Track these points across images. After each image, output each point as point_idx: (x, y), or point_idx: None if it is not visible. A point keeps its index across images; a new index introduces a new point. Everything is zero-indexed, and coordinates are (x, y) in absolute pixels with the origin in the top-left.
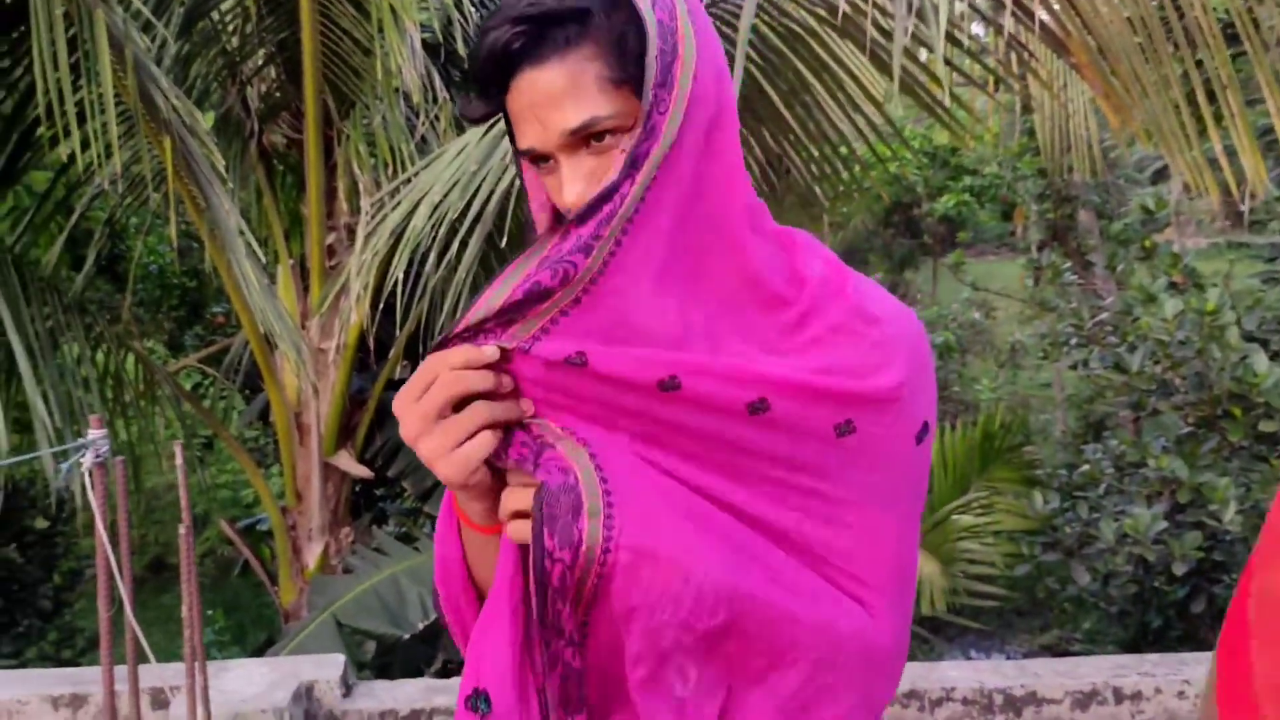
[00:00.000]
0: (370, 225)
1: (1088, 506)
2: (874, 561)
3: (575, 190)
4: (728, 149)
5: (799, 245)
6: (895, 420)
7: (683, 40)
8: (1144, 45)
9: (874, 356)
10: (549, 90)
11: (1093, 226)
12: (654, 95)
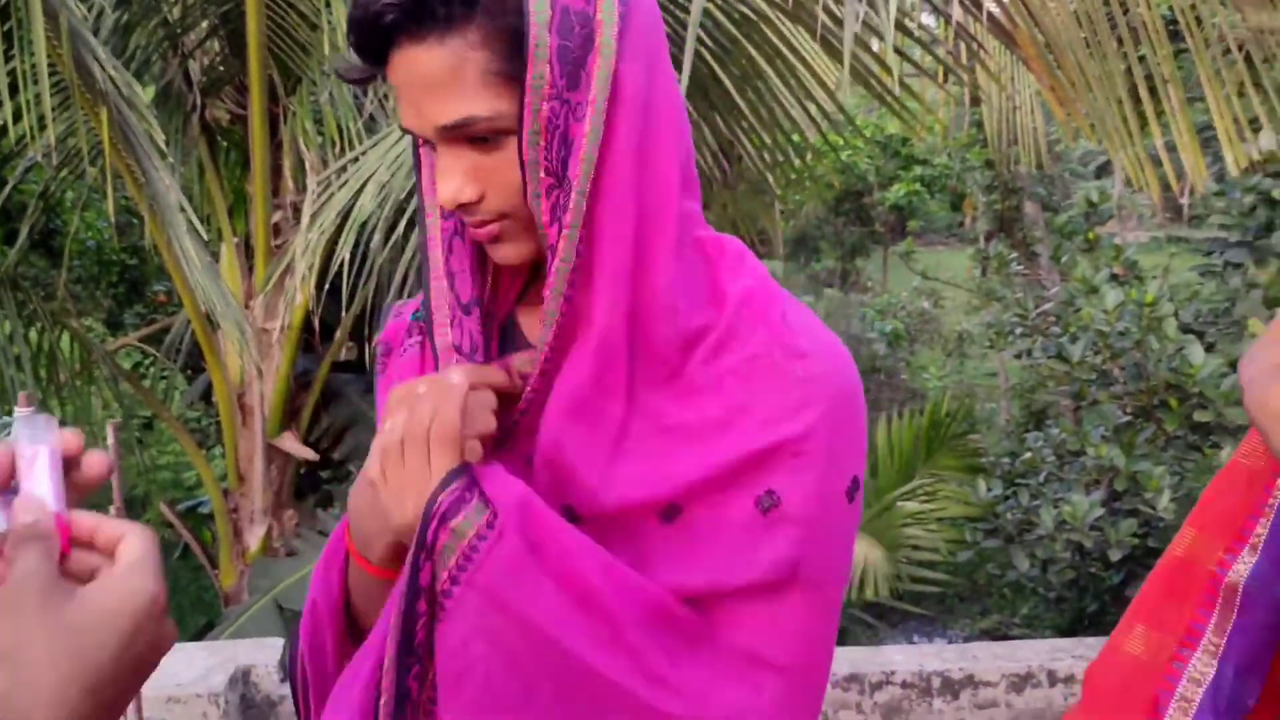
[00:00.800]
0: (317, 204)
1: (1028, 494)
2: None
3: (451, 187)
4: (662, 152)
5: (727, 256)
6: (821, 475)
7: (599, 29)
8: (1089, 40)
9: (793, 396)
10: (426, 76)
11: (1038, 218)
12: (565, 99)
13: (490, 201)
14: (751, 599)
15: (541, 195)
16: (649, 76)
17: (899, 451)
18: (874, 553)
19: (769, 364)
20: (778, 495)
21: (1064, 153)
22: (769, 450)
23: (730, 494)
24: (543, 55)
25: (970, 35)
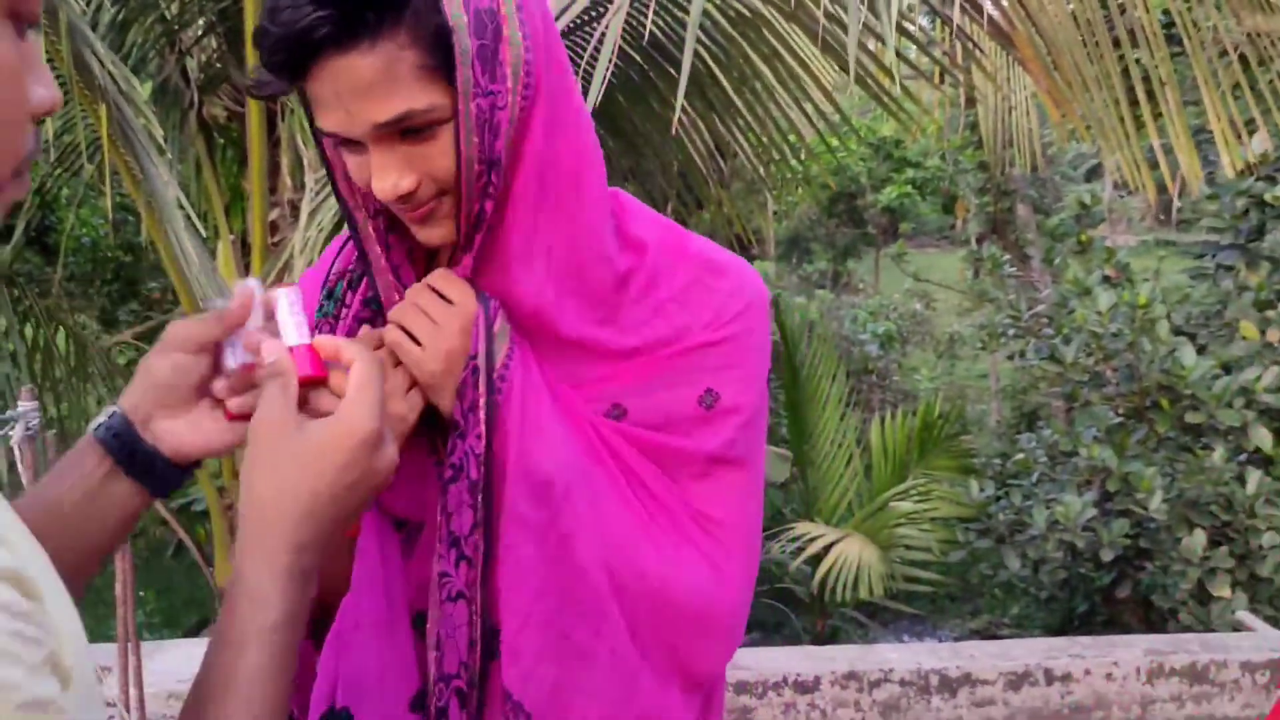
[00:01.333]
0: (315, 202)
1: (1020, 494)
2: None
3: (388, 181)
4: (574, 127)
5: (628, 209)
6: (752, 369)
7: (505, 21)
8: (1086, 41)
9: (726, 306)
10: (357, 81)
11: (1030, 221)
12: (489, 91)
13: (425, 189)
14: (699, 477)
15: (474, 182)
16: (548, 56)
17: (892, 452)
18: (868, 552)
19: (701, 287)
20: (716, 392)
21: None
22: (708, 348)
23: (674, 393)
24: (466, 60)
25: (968, 36)
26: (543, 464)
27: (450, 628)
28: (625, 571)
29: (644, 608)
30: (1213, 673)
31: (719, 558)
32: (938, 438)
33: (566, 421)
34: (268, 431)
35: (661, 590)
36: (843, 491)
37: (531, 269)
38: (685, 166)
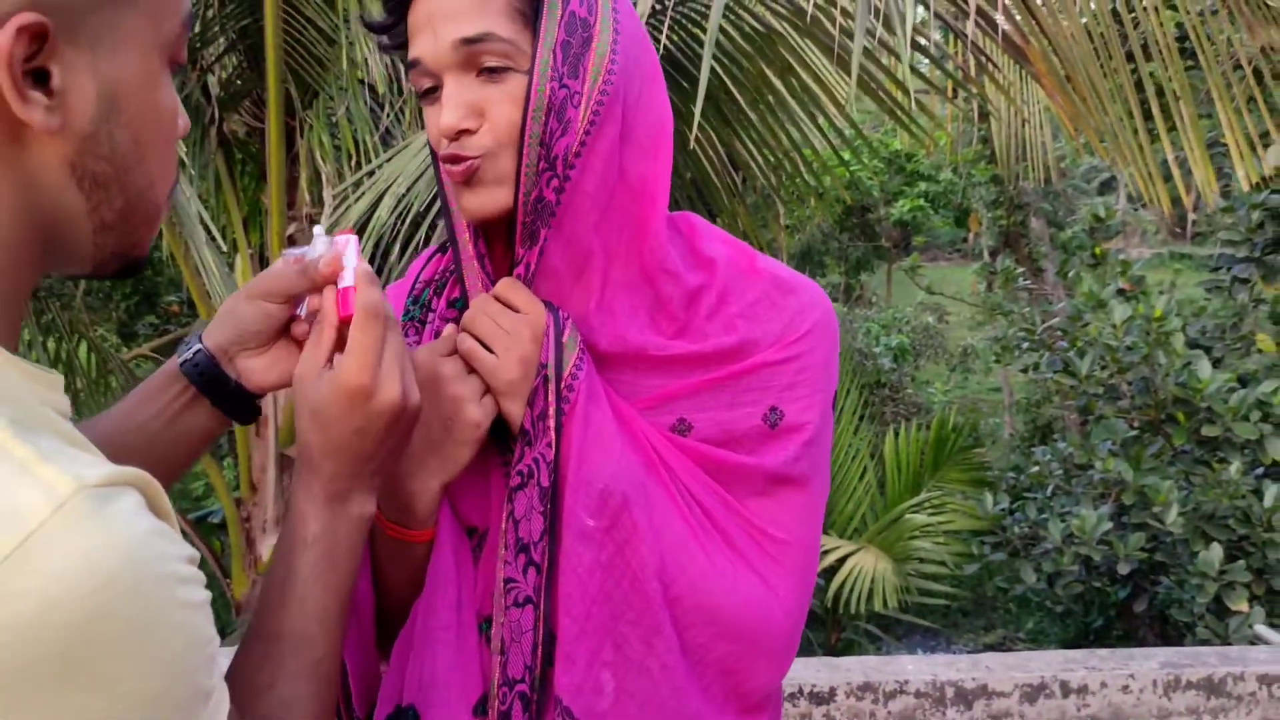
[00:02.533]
0: (333, 216)
1: (1035, 507)
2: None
3: (455, 113)
4: (648, 144)
5: (697, 230)
6: (818, 389)
7: (598, 34)
8: (1100, 54)
9: (794, 325)
10: (454, 1)
11: (1044, 234)
12: (566, 85)
13: (484, 135)
14: (760, 494)
15: (534, 162)
16: (635, 69)
17: (906, 464)
18: (882, 564)
19: (769, 303)
20: (781, 410)
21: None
22: (775, 366)
23: (739, 412)
24: (549, 44)
25: (981, 51)
26: (602, 473)
27: (516, 633)
28: (679, 584)
29: (697, 622)
30: (1230, 685)
31: (774, 576)
32: (951, 451)
33: (625, 433)
34: (299, 378)
35: (714, 605)
36: (857, 504)
37: (592, 274)
38: (700, 179)
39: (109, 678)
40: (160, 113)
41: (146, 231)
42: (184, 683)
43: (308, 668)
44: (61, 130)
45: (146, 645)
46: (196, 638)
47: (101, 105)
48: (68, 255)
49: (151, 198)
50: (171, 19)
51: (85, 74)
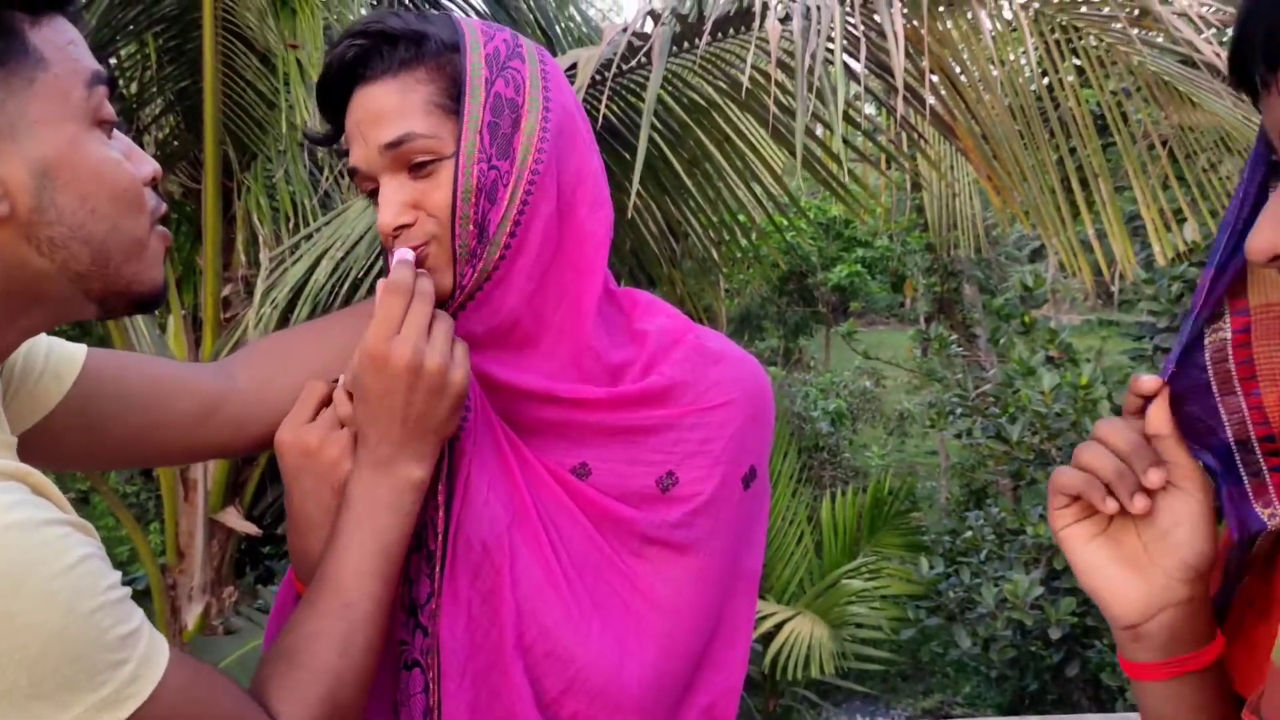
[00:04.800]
0: (270, 279)
1: (970, 572)
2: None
3: (390, 212)
4: (586, 217)
5: (639, 304)
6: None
7: (526, 113)
8: (1023, 132)
9: (715, 394)
10: (376, 106)
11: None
12: (495, 165)
13: (421, 226)
14: (634, 554)
15: (466, 238)
16: (563, 160)
17: (843, 529)
18: (819, 630)
19: (689, 367)
20: (676, 476)
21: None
22: (680, 429)
23: (636, 469)
24: (474, 127)
25: (911, 126)
26: (479, 532)
27: (405, 695)
28: (531, 631)
29: (549, 672)
30: None
31: (633, 639)
32: (888, 515)
33: (502, 477)
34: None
35: (564, 656)
36: (794, 569)
37: (534, 349)
38: (638, 246)
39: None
40: (96, 168)
41: (135, 267)
42: (80, 625)
43: (337, 608)
44: (11, 213)
45: (31, 588)
46: (84, 586)
47: (37, 181)
48: (63, 307)
49: (118, 240)
50: (77, 89)
51: (14, 161)
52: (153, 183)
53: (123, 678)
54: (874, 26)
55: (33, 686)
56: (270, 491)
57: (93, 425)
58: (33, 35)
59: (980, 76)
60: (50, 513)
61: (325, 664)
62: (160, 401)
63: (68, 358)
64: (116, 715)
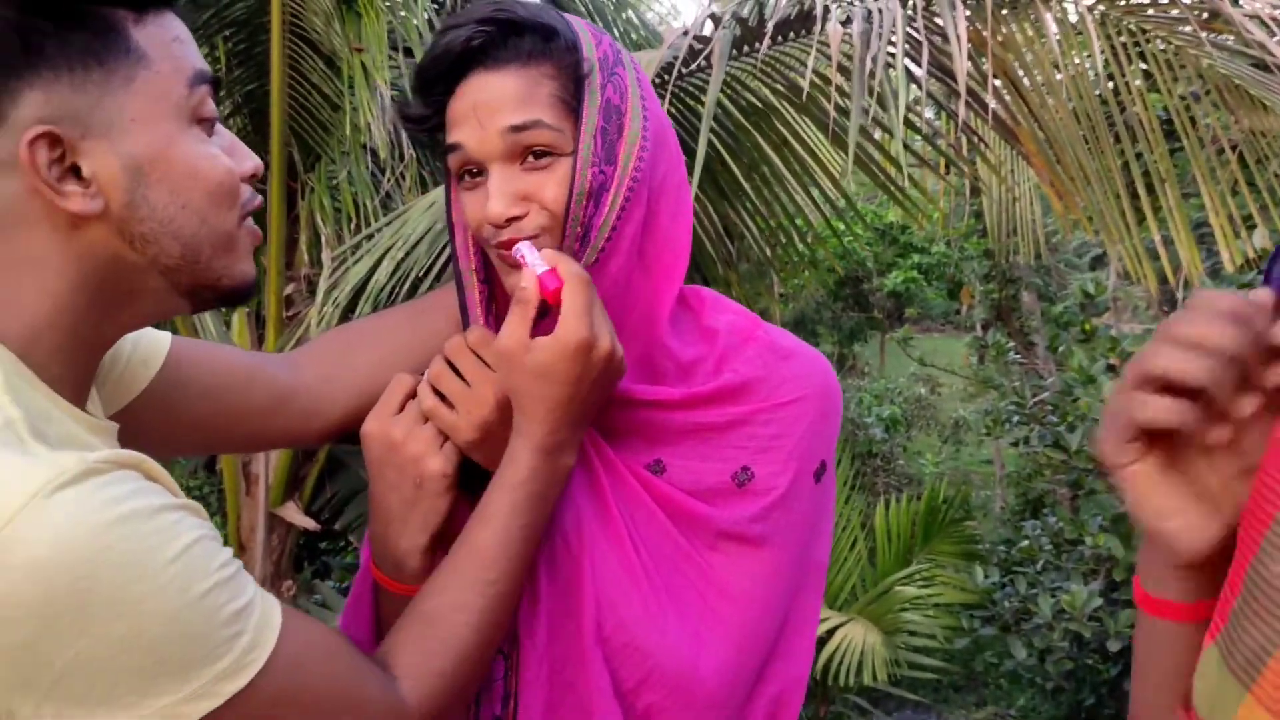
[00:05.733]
0: (332, 278)
1: (1026, 582)
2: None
3: (502, 202)
4: (669, 228)
5: (706, 302)
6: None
7: (629, 121)
8: (1088, 137)
9: (786, 390)
10: (500, 91)
11: (1035, 308)
12: (602, 170)
13: (532, 219)
14: (709, 548)
15: (573, 247)
16: (659, 158)
17: (897, 536)
18: (872, 636)
19: (761, 364)
20: (752, 471)
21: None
22: (754, 426)
23: (710, 465)
24: (590, 130)
25: (972, 130)
26: (559, 523)
27: (487, 681)
28: (609, 623)
29: (625, 663)
30: None
31: (709, 631)
32: (942, 523)
33: (587, 474)
34: (507, 351)
35: (642, 647)
36: (847, 575)
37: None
38: (695, 247)
39: (124, 603)
40: (191, 164)
41: (224, 261)
42: (197, 606)
43: (482, 583)
44: (104, 209)
45: (150, 574)
46: (199, 567)
47: (130, 178)
48: (157, 301)
49: (208, 234)
50: (177, 88)
51: (109, 158)
52: (252, 178)
53: (240, 648)
54: (936, 30)
55: (157, 665)
56: (329, 487)
57: (172, 412)
58: (136, 33)
59: (1044, 80)
60: (163, 498)
61: (457, 637)
62: (235, 391)
63: (154, 344)
64: (236, 684)
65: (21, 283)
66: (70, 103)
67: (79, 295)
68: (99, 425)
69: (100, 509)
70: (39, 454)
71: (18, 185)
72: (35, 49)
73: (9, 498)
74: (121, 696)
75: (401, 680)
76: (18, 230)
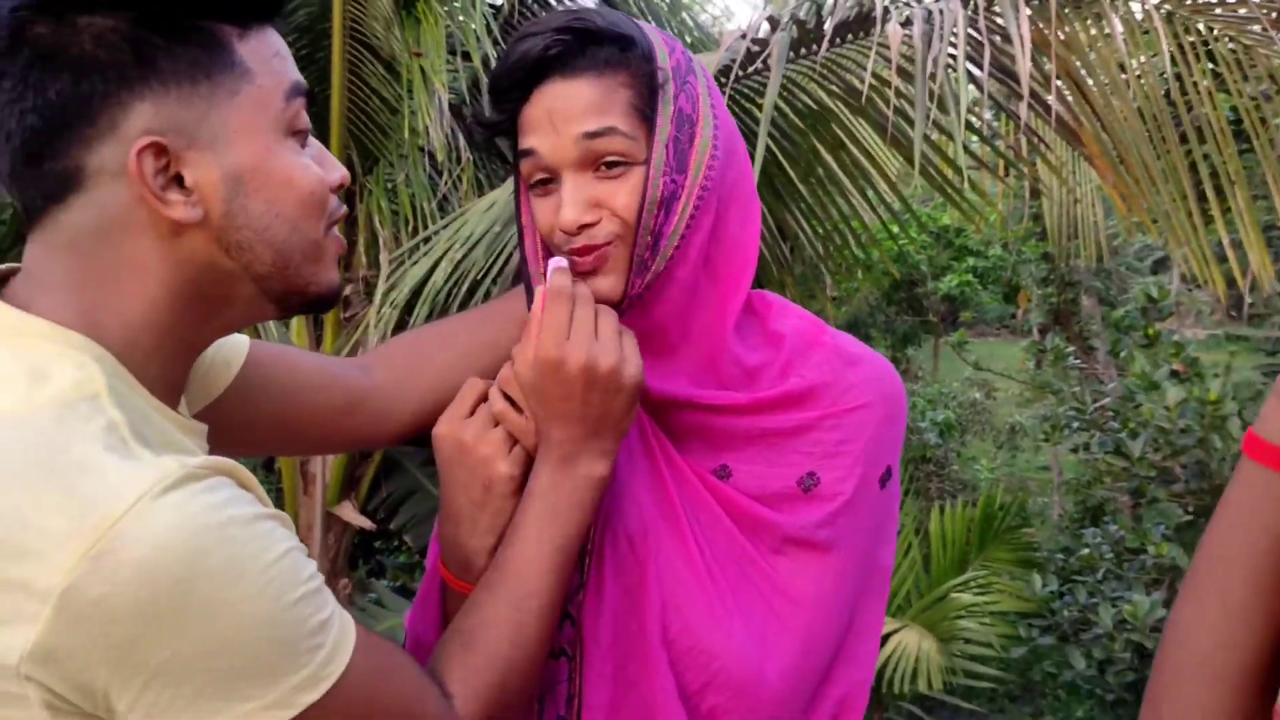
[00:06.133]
0: (389, 280)
1: (1086, 591)
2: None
3: (575, 209)
4: (737, 234)
5: (772, 306)
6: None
7: (700, 130)
8: (1153, 137)
9: (853, 395)
10: (576, 99)
11: (1094, 312)
12: (674, 179)
13: (605, 226)
14: (775, 553)
15: (643, 255)
16: (728, 165)
17: (952, 542)
18: (927, 643)
19: (828, 369)
20: (818, 476)
21: (1120, 247)
22: (820, 431)
23: (776, 470)
24: (663, 139)
25: (1033, 132)
26: (625, 527)
27: (550, 683)
28: (674, 625)
29: (691, 665)
30: None
31: (774, 634)
32: (999, 529)
33: (647, 475)
34: (518, 371)
35: (707, 650)
36: (900, 580)
37: (674, 354)
38: None
39: (221, 606)
40: (287, 174)
41: (313, 269)
42: (287, 614)
43: (514, 599)
44: (204, 217)
45: (246, 579)
46: (290, 578)
47: (229, 188)
48: (248, 307)
49: (298, 243)
50: (277, 101)
51: (211, 168)
52: (339, 187)
53: (319, 660)
54: (997, 30)
55: (245, 670)
56: (384, 487)
57: (249, 413)
58: (240, 47)
59: (1109, 80)
60: (256, 507)
61: (498, 652)
62: (310, 394)
63: (234, 346)
64: (313, 695)
65: (124, 287)
66: (178, 115)
67: (176, 300)
68: (191, 426)
69: (201, 514)
70: (142, 457)
71: (125, 193)
72: (148, 62)
73: (115, 500)
74: (207, 701)
75: (454, 698)
76: (124, 236)
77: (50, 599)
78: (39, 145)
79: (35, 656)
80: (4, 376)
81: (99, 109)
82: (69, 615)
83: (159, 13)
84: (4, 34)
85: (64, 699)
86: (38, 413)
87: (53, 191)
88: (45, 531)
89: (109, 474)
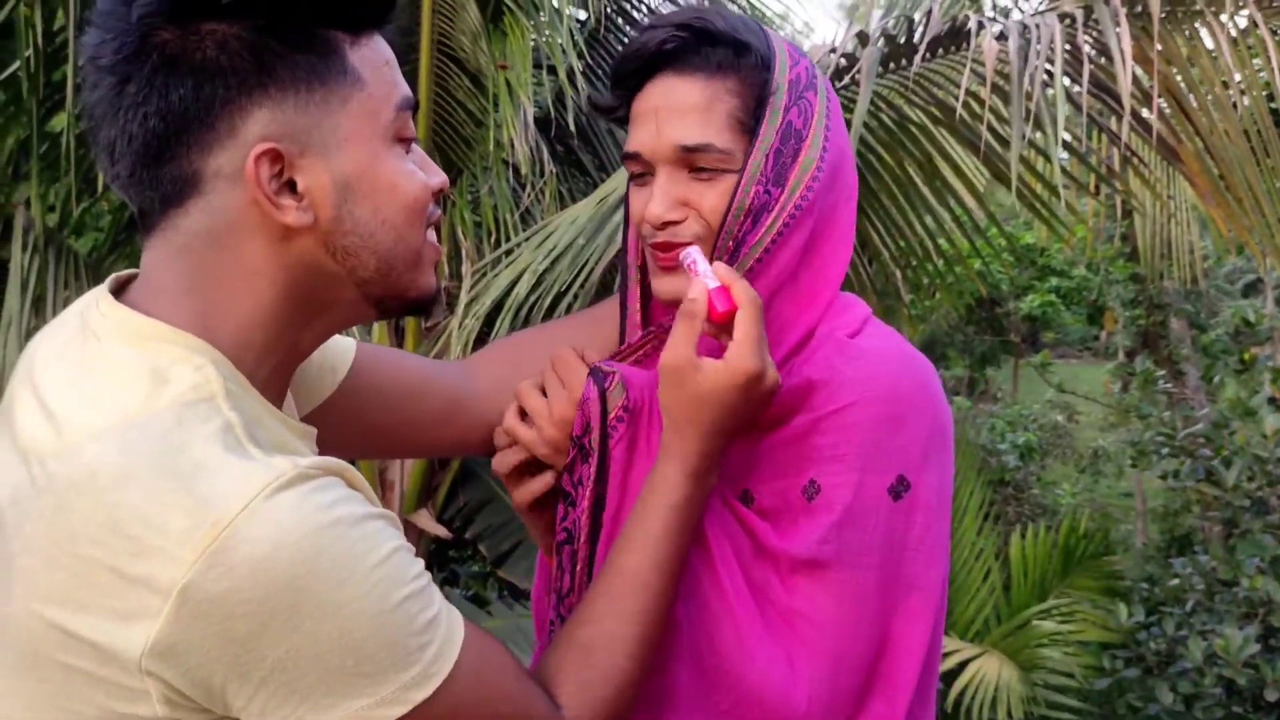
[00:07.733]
0: (472, 291)
1: (1174, 623)
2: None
3: (662, 205)
4: (828, 257)
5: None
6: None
7: (808, 147)
8: (1257, 154)
9: (843, 394)
10: (682, 99)
11: (1184, 335)
12: (768, 190)
13: (689, 226)
14: (789, 572)
15: (724, 259)
16: (833, 183)
17: (1032, 568)
18: (1007, 671)
19: (826, 365)
20: (818, 484)
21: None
22: (811, 435)
23: (784, 483)
24: (764, 150)
25: (1131, 150)
26: None
27: None
28: (701, 647)
29: (719, 685)
30: None
31: (800, 657)
32: (1081, 556)
33: None
34: (672, 367)
35: (735, 673)
36: (979, 606)
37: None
38: None
39: (333, 604)
40: (393, 182)
41: (414, 274)
42: (396, 612)
43: (638, 612)
44: (314, 222)
45: (358, 577)
46: (398, 576)
47: (339, 194)
48: (350, 310)
49: (402, 249)
50: (386, 111)
51: (322, 174)
52: (439, 193)
53: (428, 658)
54: (1094, 44)
55: (356, 667)
56: (461, 496)
57: (354, 417)
58: (352, 55)
59: (1212, 96)
60: (365, 507)
61: (617, 667)
62: (412, 400)
63: (341, 351)
64: (423, 692)
65: (236, 290)
66: (294, 121)
67: (285, 303)
68: (301, 429)
69: (315, 513)
70: (256, 457)
71: (239, 198)
72: (267, 69)
73: (231, 499)
74: (321, 698)
75: (565, 709)
76: (236, 240)
77: (171, 595)
78: (159, 149)
79: (156, 651)
80: (128, 378)
81: (219, 114)
82: (189, 611)
83: (279, 20)
84: (131, 40)
85: (182, 694)
86: (160, 414)
87: (170, 195)
88: (166, 529)
89: (226, 473)
